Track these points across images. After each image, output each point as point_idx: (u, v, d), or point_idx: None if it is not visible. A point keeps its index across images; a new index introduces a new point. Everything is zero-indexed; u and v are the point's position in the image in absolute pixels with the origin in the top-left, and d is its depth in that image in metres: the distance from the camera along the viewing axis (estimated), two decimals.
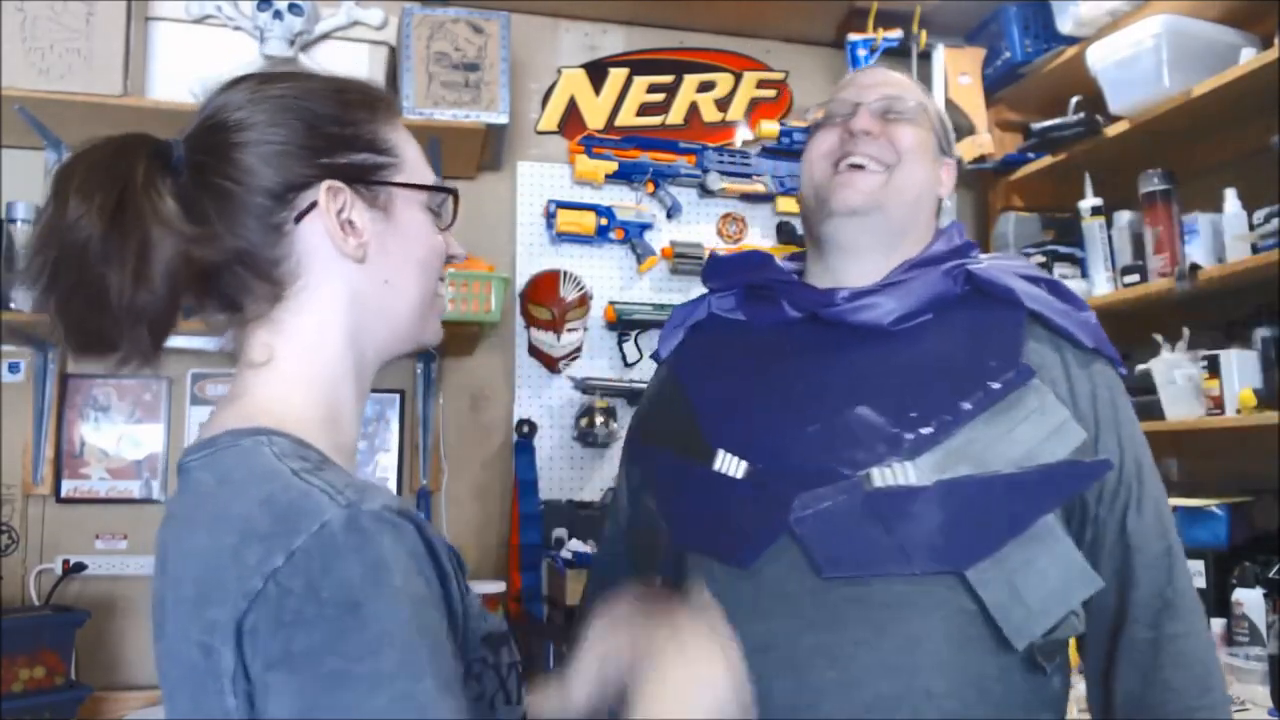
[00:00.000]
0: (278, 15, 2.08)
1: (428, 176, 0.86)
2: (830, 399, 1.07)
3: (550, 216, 2.45)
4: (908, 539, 0.99)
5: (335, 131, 0.80)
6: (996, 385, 1.05)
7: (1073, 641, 1.09)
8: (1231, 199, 1.99)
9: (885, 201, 1.14)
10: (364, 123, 0.81)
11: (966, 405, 1.03)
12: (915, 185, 1.16)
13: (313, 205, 0.78)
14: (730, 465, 1.08)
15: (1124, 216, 2.29)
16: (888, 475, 1.01)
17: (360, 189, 0.80)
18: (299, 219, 0.77)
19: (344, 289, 0.79)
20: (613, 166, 2.48)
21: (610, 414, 2.38)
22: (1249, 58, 1.94)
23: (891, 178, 1.14)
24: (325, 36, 2.19)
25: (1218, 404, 1.94)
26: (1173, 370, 2.03)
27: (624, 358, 2.46)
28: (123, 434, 2.22)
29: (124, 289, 0.71)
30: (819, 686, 0.97)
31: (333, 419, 0.79)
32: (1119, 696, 1.07)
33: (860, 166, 1.14)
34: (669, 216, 2.54)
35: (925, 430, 1.02)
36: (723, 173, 2.53)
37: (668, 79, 2.61)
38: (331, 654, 0.61)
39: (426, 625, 0.64)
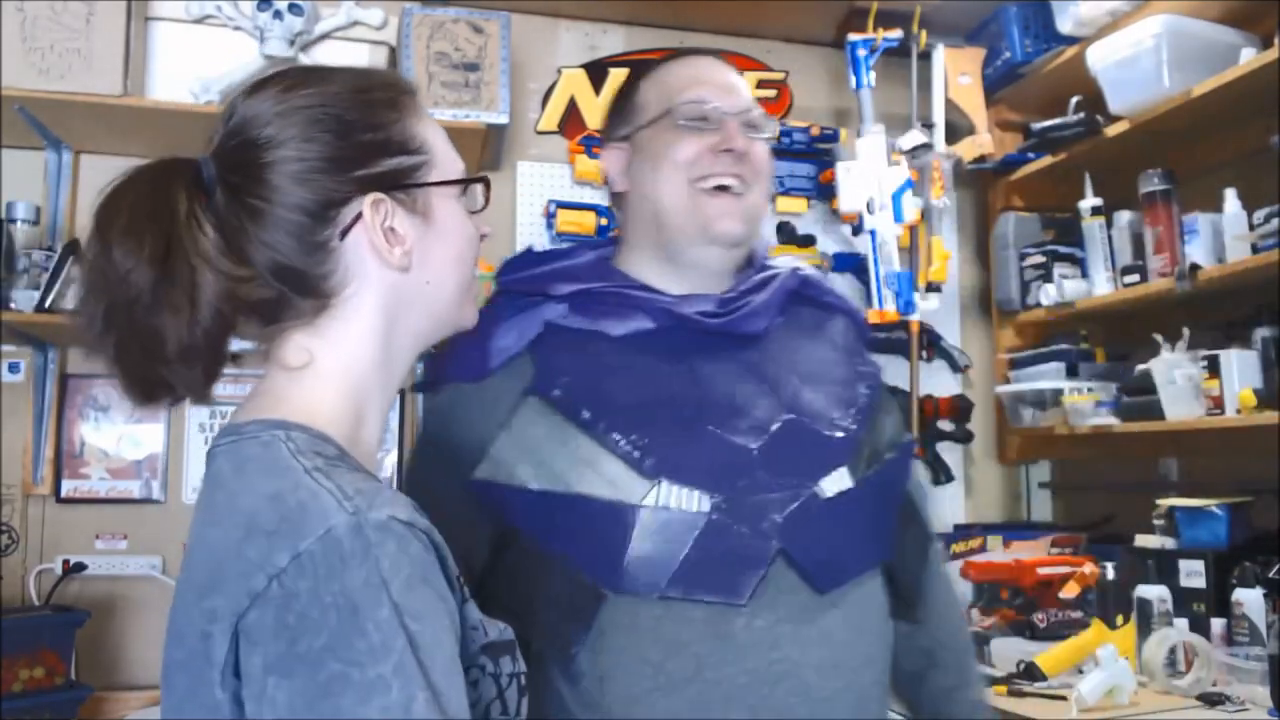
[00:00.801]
0: (278, 15, 2.08)
1: (457, 164, 0.86)
2: (757, 413, 1.05)
3: (550, 216, 2.45)
4: (862, 537, 1.06)
5: (368, 139, 0.78)
6: (872, 382, 1.14)
7: None
8: (1231, 199, 1.99)
9: (750, 229, 1.13)
10: (393, 123, 0.80)
11: (862, 404, 1.11)
12: (763, 204, 1.16)
13: (357, 219, 0.77)
14: (682, 498, 0.99)
15: (1124, 216, 2.29)
16: (834, 482, 1.04)
17: (399, 195, 0.79)
18: (344, 234, 0.77)
19: (388, 294, 0.80)
20: None
21: None
22: (1249, 58, 1.94)
23: (751, 199, 1.12)
24: (325, 36, 2.19)
25: (1218, 404, 1.95)
26: (1173, 370, 2.03)
27: None
28: (123, 434, 2.22)
29: (180, 337, 0.71)
30: (826, 698, 0.98)
31: (358, 417, 0.79)
32: (912, 627, 1.17)
33: (726, 188, 1.10)
34: None
35: (846, 433, 1.08)
36: None
37: None
38: (333, 658, 0.61)
39: (424, 638, 0.63)
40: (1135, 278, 2.20)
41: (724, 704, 0.96)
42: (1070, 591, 2.13)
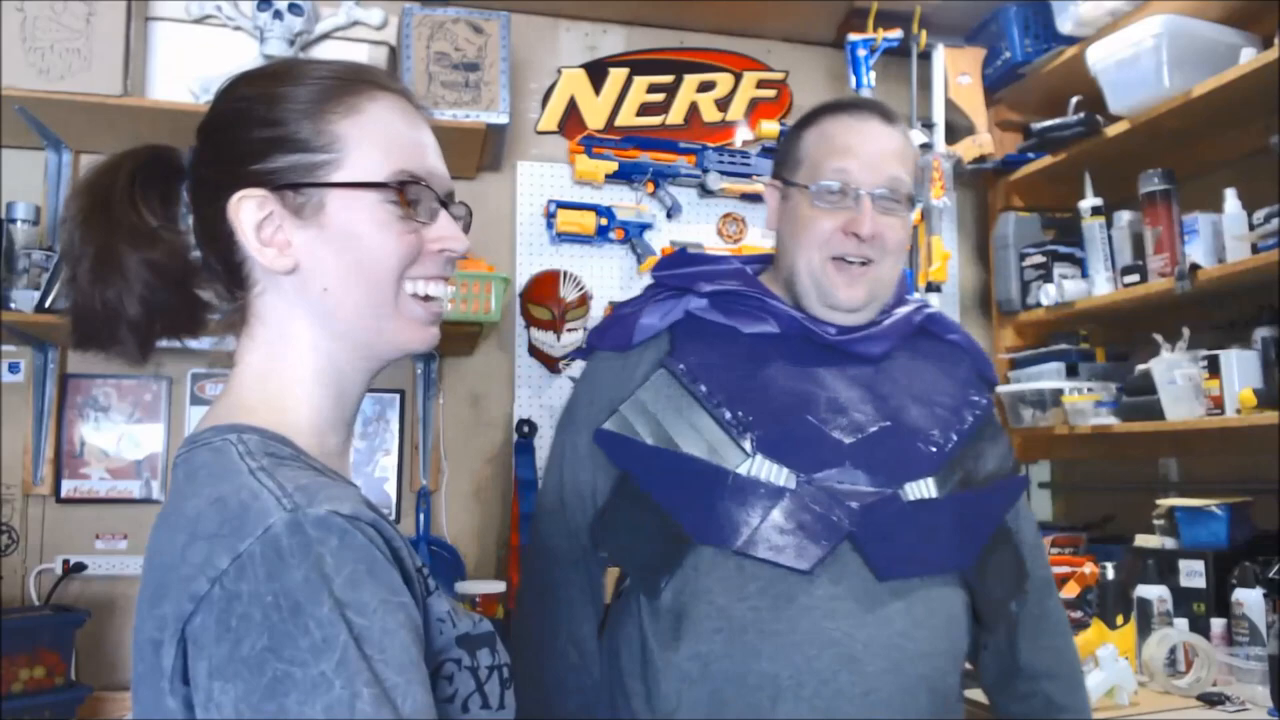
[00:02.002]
0: (278, 15, 2.08)
1: (384, 167, 0.77)
2: (861, 417, 1.17)
3: (550, 216, 2.45)
4: (936, 544, 1.15)
5: (269, 134, 0.77)
6: (979, 411, 1.23)
7: None
8: (1231, 199, 1.99)
9: (875, 293, 1.24)
10: (301, 119, 0.77)
11: (963, 427, 1.20)
12: (897, 270, 1.26)
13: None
14: (772, 473, 1.13)
15: (1124, 216, 2.29)
16: (918, 489, 1.15)
17: (287, 194, 0.76)
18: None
19: (292, 297, 0.78)
20: (613, 166, 2.48)
21: None
22: (1249, 58, 1.94)
23: (880, 271, 1.22)
24: (325, 36, 2.20)
25: (1218, 404, 1.95)
26: (1173, 370, 2.03)
27: None
28: (123, 434, 2.22)
29: (92, 291, 0.75)
30: (874, 674, 1.09)
31: (310, 421, 0.78)
32: (1021, 658, 1.27)
33: (851, 262, 1.21)
34: (669, 216, 2.53)
35: (939, 448, 1.18)
36: (723, 173, 2.53)
37: (668, 79, 2.61)
38: (276, 658, 0.60)
39: (371, 633, 0.62)
40: (1135, 278, 2.20)
41: (773, 655, 1.08)
42: (1070, 591, 2.13)
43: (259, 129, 0.77)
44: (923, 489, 1.15)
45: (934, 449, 1.17)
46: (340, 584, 0.62)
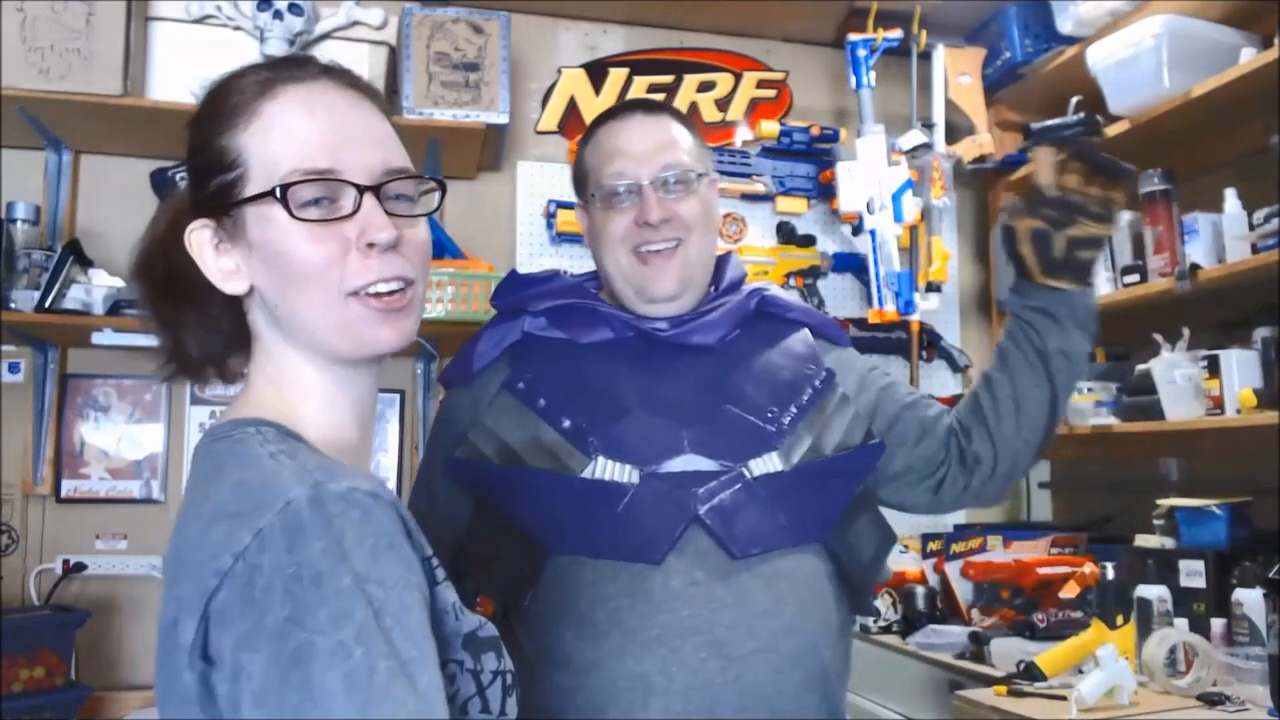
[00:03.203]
0: (278, 15, 2.08)
1: (280, 171, 0.73)
2: (697, 404, 1.19)
3: (550, 216, 2.45)
4: (787, 516, 1.15)
5: (196, 163, 0.77)
6: (819, 384, 1.25)
7: None
8: (1231, 199, 1.99)
9: (689, 275, 1.25)
10: (211, 141, 0.76)
11: (802, 399, 1.22)
12: (706, 245, 1.27)
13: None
14: (615, 472, 1.14)
15: (1124, 216, 2.29)
16: (763, 465, 1.16)
17: (223, 218, 0.76)
18: None
19: (264, 313, 0.79)
20: None
21: None
22: (1249, 58, 1.94)
23: (687, 251, 1.24)
24: (325, 36, 2.20)
25: (1218, 404, 1.94)
26: (1173, 370, 2.03)
27: None
28: (123, 434, 2.22)
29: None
30: (742, 657, 1.08)
31: (324, 420, 0.78)
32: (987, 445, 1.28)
33: (658, 250, 1.23)
34: None
35: (781, 423, 1.19)
36: (723, 173, 2.53)
37: (668, 79, 2.61)
38: (299, 628, 0.61)
39: (391, 606, 0.63)
40: (1135, 278, 2.20)
41: (639, 653, 1.08)
42: (1070, 591, 2.13)
43: (193, 156, 0.78)
44: (768, 464, 1.16)
45: (773, 425, 1.18)
46: (361, 557, 0.63)
